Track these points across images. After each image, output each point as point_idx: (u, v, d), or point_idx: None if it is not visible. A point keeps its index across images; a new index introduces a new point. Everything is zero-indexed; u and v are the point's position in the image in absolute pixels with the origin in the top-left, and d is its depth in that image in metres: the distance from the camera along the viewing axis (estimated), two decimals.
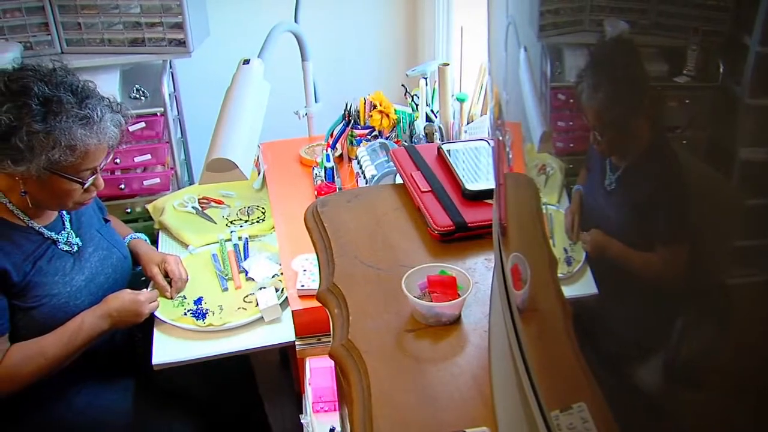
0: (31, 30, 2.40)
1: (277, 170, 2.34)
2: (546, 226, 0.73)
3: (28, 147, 1.49)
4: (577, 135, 0.69)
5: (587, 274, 0.64)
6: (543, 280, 0.73)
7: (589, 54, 0.63)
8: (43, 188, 1.58)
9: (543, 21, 0.72)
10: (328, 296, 1.09)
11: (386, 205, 1.29)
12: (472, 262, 1.14)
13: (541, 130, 0.74)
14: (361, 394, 0.93)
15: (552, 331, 0.70)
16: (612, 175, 0.57)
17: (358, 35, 2.88)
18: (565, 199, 0.69)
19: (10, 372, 1.59)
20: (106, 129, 1.59)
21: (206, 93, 2.72)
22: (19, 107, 1.49)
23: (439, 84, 2.00)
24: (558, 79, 0.71)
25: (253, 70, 1.90)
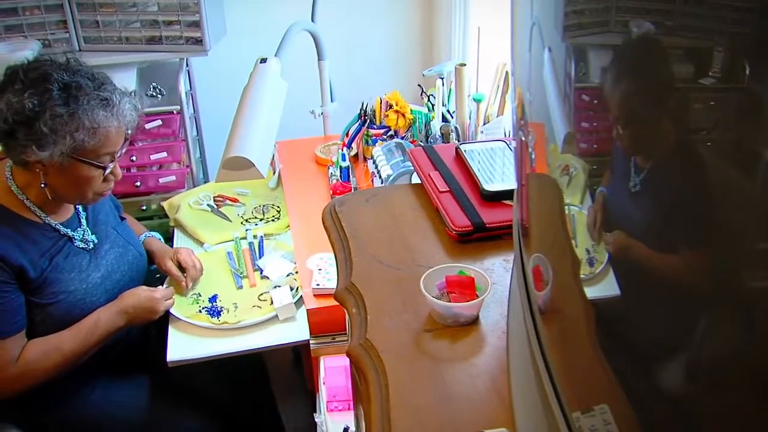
0: (50, 27, 2.42)
1: (292, 169, 2.34)
2: (569, 227, 0.73)
3: (52, 130, 1.51)
4: (601, 136, 0.69)
5: (610, 275, 0.64)
6: (565, 281, 0.73)
7: (615, 54, 0.62)
8: (64, 177, 1.60)
9: (568, 21, 0.72)
10: (346, 295, 1.09)
11: (404, 205, 1.28)
12: (490, 263, 1.14)
13: (564, 130, 0.74)
14: (378, 394, 0.93)
15: (574, 332, 0.70)
16: (636, 176, 0.56)
17: (374, 35, 2.88)
18: (588, 200, 0.68)
19: (28, 368, 1.60)
20: (125, 112, 1.62)
21: (222, 91, 2.72)
22: (41, 93, 1.52)
23: (456, 84, 2.00)
24: (582, 80, 0.71)
25: (270, 69, 1.91)
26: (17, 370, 1.59)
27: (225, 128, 1.83)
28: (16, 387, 1.62)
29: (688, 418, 0.53)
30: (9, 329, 1.58)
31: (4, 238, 1.58)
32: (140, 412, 1.80)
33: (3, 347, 1.57)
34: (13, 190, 1.64)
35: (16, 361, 1.59)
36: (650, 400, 0.58)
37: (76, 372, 1.72)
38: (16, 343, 1.60)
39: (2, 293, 1.56)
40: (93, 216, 1.80)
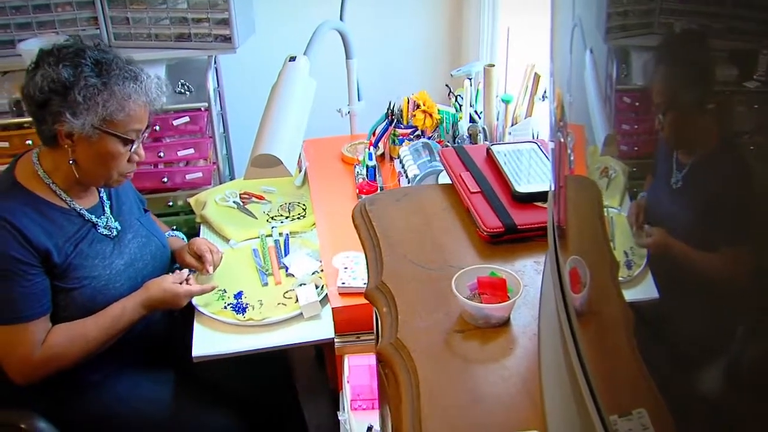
0: (81, 24, 2.44)
1: (318, 167, 2.34)
2: (607, 229, 0.73)
3: (86, 98, 1.57)
4: (642, 138, 0.69)
5: (648, 277, 0.64)
6: (603, 283, 0.72)
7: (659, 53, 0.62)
8: (92, 152, 1.63)
9: (610, 23, 0.72)
10: (377, 294, 1.09)
11: (435, 205, 1.28)
12: (521, 265, 1.13)
13: (605, 132, 0.73)
14: (409, 394, 0.93)
15: (612, 335, 0.70)
16: (678, 173, 0.56)
17: (402, 34, 2.88)
18: (627, 202, 0.68)
19: (53, 352, 1.62)
20: (152, 88, 1.68)
21: (249, 89, 2.74)
22: (76, 66, 1.59)
23: (485, 85, 2.00)
24: (624, 82, 0.70)
25: (299, 67, 1.91)
26: (42, 354, 1.61)
27: (252, 126, 1.83)
28: (41, 371, 1.64)
29: (728, 424, 0.52)
30: (34, 312, 1.60)
31: (30, 222, 1.60)
32: (164, 406, 1.81)
33: (28, 330, 1.60)
34: (40, 174, 1.67)
35: (41, 344, 1.61)
36: (689, 404, 0.57)
37: (102, 364, 1.74)
38: (42, 327, 1.62)
39: (28, 276, 1.58)
40: (117, 206, 1.82)
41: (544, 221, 1.18)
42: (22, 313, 1.59)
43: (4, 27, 2.41)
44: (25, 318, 1.59)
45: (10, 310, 1.58)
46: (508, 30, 2.04)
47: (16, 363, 1.62)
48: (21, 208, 1.61)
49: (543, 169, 1.30)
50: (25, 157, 1.71)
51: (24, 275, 1.57)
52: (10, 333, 1.59)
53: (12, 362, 1.62)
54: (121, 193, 1.86)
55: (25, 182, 1.66)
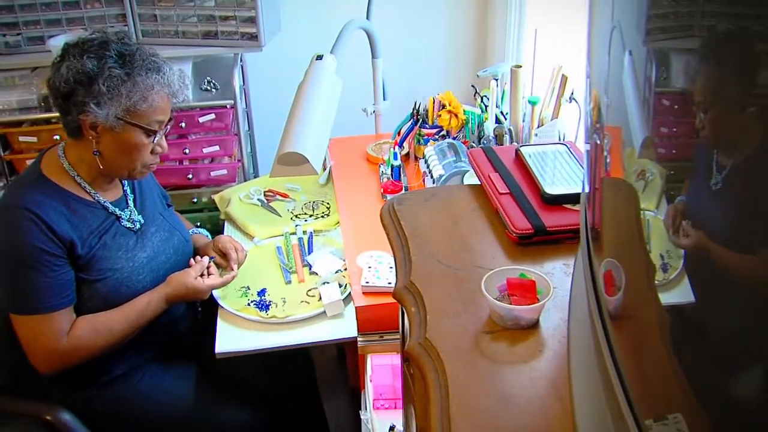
0: (109, 20, 2.46)
1: (343, 166, 2.35)
2: (644, 232, 0.72)
3: (110, 89, 1.58)
4: (680, 140, 0.68)
5: (685, 281, 0.63)
6: (639, 286, 0.72)
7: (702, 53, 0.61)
8: (116, 143, 1.65)
9: (650, 25, 0.71)
10: (405, 294, 1.09)
11: (463, 206, 1.28)
12: (550, 267, 1.13)
13: (642, 135, 0.73)
14: (438, 394, 0.93)
15: (647, 339, 0.69)
16: (719, 174, 0.56)
17: (428, 34, 2.87)
18: (664, 205, 0.68)
19: (78, 342, 1.64)
20: (174, 80, 1.69)
21: (274, 87, 2.76)
22: (100, 57, 1.60)
23: (511, 86, 1.99)
24: (663, 84, 0.70)
25: (326, 66, 1.91)
26: (68, 345, 1.63)
27: (276, 123, 1.84)
28: (65, 361, 1.66)
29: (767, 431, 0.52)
30: (59, 302, 1.62)
31: (56, 213, 1.62)
32: (187, 401, 1.82)
33: (54, 320, 1.62)
34: (65, 167, 1.69)
35: (66, 335, 1.63)
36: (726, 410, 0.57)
37: (126, 358, 1.75)
38: (66, 317, 1.64)
39: (53, 266, 1.60)
40: (141, 200, 1.84)
41: (573, 223, 1.17)
42: (47, 303, 1.60)
43: (34, 23, 2.44)
44: (50, 308, 1.61)
45: (36, 300, 1.60)
46: (536, 31, 2.03)
47: (41, 352, 1.63)
48: (47, 201, 1.63)
49: (572, 171, 1.29)
50: (51, 150, 1.73)
51: (49, 266, 1.59)
52: (35, 322, 1.61)
53: (37, 351, 1.64)
54: (144, 187, 1.87)
55: (51, 175, 1.68)
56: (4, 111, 2.42)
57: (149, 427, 1.79)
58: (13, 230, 1.60)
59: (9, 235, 1.61)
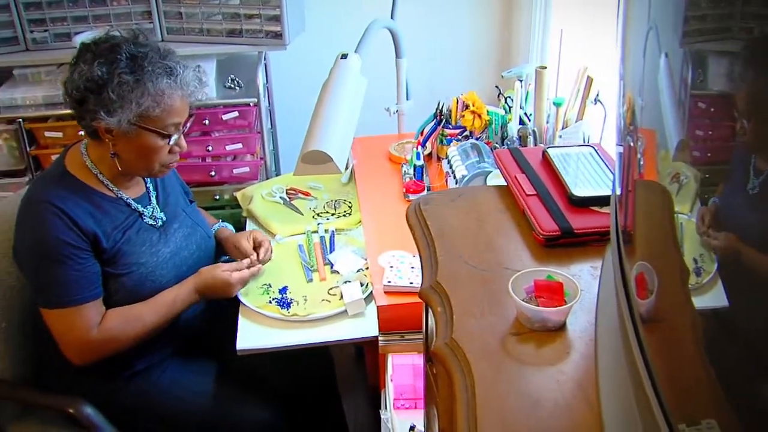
0: (135, 18, 2.48)
1: (365, 165, 2.35)
2: (677, 235, 0.72)
3: (119, 96, 1.57)
4: (716, 144, 0.68)
5: (718, 285, 0.63)
6: (671, 290, 0.71)
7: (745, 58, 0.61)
8: (131, 146, 1.65)
9: (687, 27, 0.71)
10: (432, 294, 1.09)
11: (489, 206, 1.28)
12: (577, 269, 1.13)
13: (678, 138, 0.72)
14: (464, 394, 0.93)
15: (681, 343, 0.69)
16: (756, 179, 0.56)
17: (452, 35, 2.87)
18: (698, 208, 0.67)
19: (109, 334, 1.66)
20: (188, 82, 1.66)
21: (297, 86, 2.76)
22: (110, 62, 1.59)
23: (536, 87, 1.98)
24: (699, 87, 0.69)
25: (350, 65, 1.92)
26: (99, 336, 1.65)
27: (298, 122, 1.84)
28: (97, 352, 1.67)
29: None
30: (89, 295, 1.64)
31: (79, 208, 1.64)
32: (208, 397, 1.83)
33: (83, 312, 1.63)
34: (87, 165, 1.70)
35: (97, 326, 1.65)
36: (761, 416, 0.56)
37: (148, 354, 1.76)
38: (96, 309, 1.66)
39: (80, 260, 1.62)
40: (164, 196, 1.85)
41: (600, 226, 1.16)
42: (76, 296, 1.62)
43: (61, 20, 2.46)
44: (79, 301, 1.63)
45: (65, 294, 1.62)
46: (561, 32, 2.02)
47: (73, 343, 1.66)
48: (70, 196, 1.64)
49: (600, 173, 1.28)
50: (74, 147, 1.74)
51: (75, 259, 1.61)
52: (65, 315, 1.63)
53: (69, 343, 1.66)
54: (167, 183, 1.88)
55: (75, 171, 1.69)
56: (30, 106, 2.44)
57: (169, 422, 1.80)
58: (38, 225, 1.61)
59: (35, 229, 1.62)
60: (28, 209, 1.66)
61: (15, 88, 2.48)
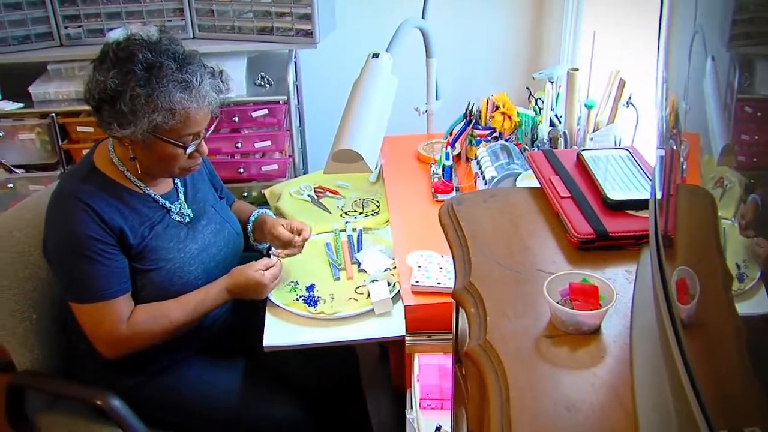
0: (167, 15, 2.50)
1: (394, 165, 2.35)
2: (720, 240, 0.71)
3: (132, 110, 1.57)
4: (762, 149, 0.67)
5: (762, 291, 0.62)
6: (714, 295, 0.71)
7: None
8: (149, 153, 1.66)
9: (735, 30, 0.70)
10: (465, 295, 1.08)
11: (522, 208, 1.28)
12: (612, 273, 1.12)
13: (722, 142, 0.72)
14: (498, 396, 0.93)
15: (723, 348, 0.68)
16: None
17: (483, 35, 2.86)
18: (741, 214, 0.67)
19: (137, 329, 1.67)
20: (205, 94, 1.64)
21: (326, 84, 2.77)
22: (125, 73, 1.57)
23: (567, 89, 1.97)
24: (746, 91, 0.69)
25: (382, 64, 1.92)
26: (128, 330, 1.66)
27: (327, 120, 1.84)
28: (126, 347, 1.69)
29: None
30: (117, 290, 1.66)
31: (105, 204, 1.65)
32: (233, 393, 1.84)
33: (113, 307, 1.65)
34: (114, 161, 1.72)
35: (126, 321, 1.66)
36: None
37: (176, 349, 1.78)
38: (125, 304, 1.67)
39: (108, 255, 1.63)
40: (192, 193, 1.86)
41: (636, 229, 1.16)
42: (105, 291, 1.64)
43: (95, 16, 2.49)
44: (109, 296, 1.64)
45: (94, 289, 1.63)
46: (594, 34, 2.01)
47: (103, 338, 1.67)
48: (98, 192, 1.66)
49: (635, 176, 1.28)
50: (102, 143, 1.76)
51: (103, 255, 1.63)
52: (95, 310, 1.65)
53: (100, 337, 1.67)
54: (197, 179, 1.89)
55: (103, 168, 1.71)
56: (63, 101, 2.47)
57: (195, 416, 1.81)
58: (67, 221, 1.63)
59: (63, 225, 1.64)
60: (57, 205, 1.68)
61: (49, 83, 2.51)
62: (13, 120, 2.46)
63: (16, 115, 2.45)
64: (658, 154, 0.87)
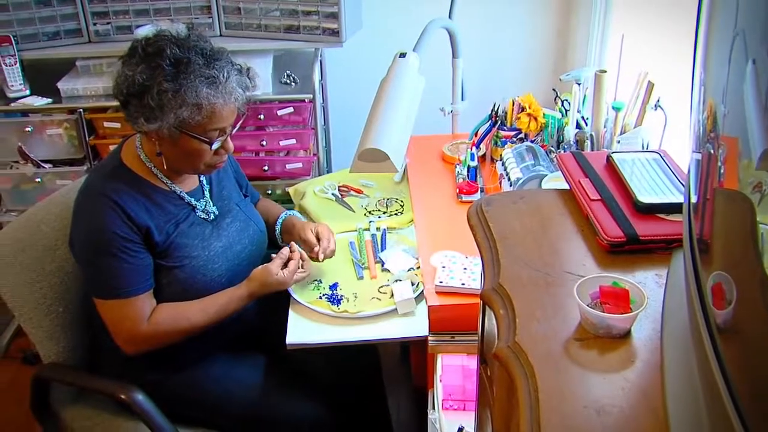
0: (195, 12, 2.52)
1: (418, 165, 2.35)
2: (758, 245, 0.70)
3: (159, 105, 1.58)
4: None
5: None
6: (751, 301, 0.70)
7: None
8: (175, 148, 1.66)
9: None
10: (494, 296, 1.08)
11: (551, 210, 1.27)
12: (642, 276, 1.11)
13: (762, 146, 0.71)
14: (527, 398, 0.92)
15: (761, 354, 0.68)
16: None
17: (509, 36, 2.85)
18: None
19: (158, 329, 1.69)
20: (232, 90, 1.64)
21: (351, 83, 2.78)
22: (153, 68, 1.58)
23: (595, 91, 1.96)
24: None
25: (409, 64, 1.92)
26: (148, 329, 1.68)
27: (352, 120, 1.84)
28: (148, 344, 1.71)
29: None
30: (141, 287, 1.67)
31: (133, 201, 1.66)
32: (256, 391, 1.85)
33: (135, 304, 1.66)
34: (142, 158, 1.73)
35: (147, 319, 1.68)
36: None
37: (200, 344, 1.79)
38: (147, 302, 1.69)
39: (133, 252, 1.65)
40: (218, 190, 1.87)
41: (667, 233, 1.15)
42: (129, 288, 1.65)
43: (123, 13, 2.51)
44: (132, 293, 1.66)
45: (117, 286, 1.65)
46: (623, 36, 1.99)
47: (125, 334, 1.69)
48: (126, 189, 1.67)
49: (666, 180, 1.27)
50: (130, 140, 1.77)
51: (129, 252, 1.64)
52: (118, 307, 1.66)
53: (121, 333, 1.69)
54: (222, 177, 1.90)
55: (130, 164, 1.72)
56: (91, 97, 2.49)
57: (217, 412, 1.82)
58: (94, 217, 1.65)
59: (90, 222, 1.65)
60: (84, 201, 1.69)
61: (77, 79, 2.53)
62: (42, 115, 2.49)
63: (44, 111, 2.48)
64: (694, 158, 0.86)
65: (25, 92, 2.48)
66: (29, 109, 2.47)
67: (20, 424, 2.55)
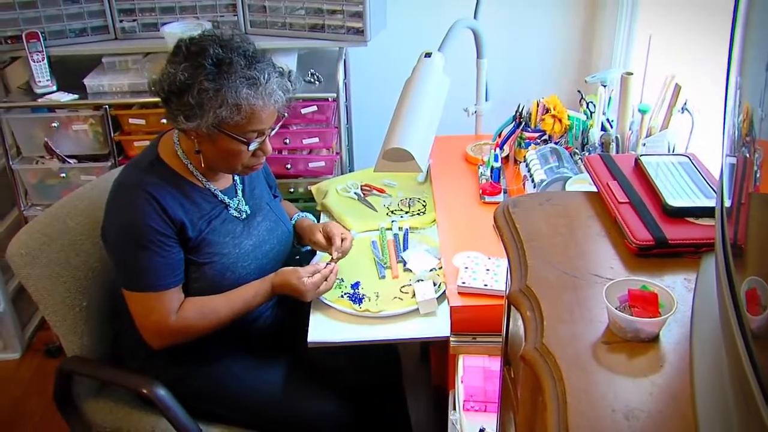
0: (220, 10, 2.53)
1: (442, 165, 2.34)
2: None
3: (199, 104, 1.59)
4: None
5: None
6: None
7: None
8: (213, 147, 1.67)
9: None
10: (521, 297, 1.08)
11: (579, 212, 1.26)
12: (670, 280, 1.10)
13: None
14: (555, 401, 0.92)
15: None
16: None
17: (534, 37, 2.84)
18: None
19: (185, 323, 1.70)
20: (272, 92, 1.65)
21: (375, 83, 2.78)
22: (195, 67, 1.59)
23: (621, 93, 1.95)
24: None
25: (434, 64, 1.91)
26: (176, 323, 1.69)
27: (375, 119, 1.84)
28: (174, 338, 1.72)
29: None
30: (171, 281, 1.68)
31: (169, 196, 1.68)
32: (276, 387, 1.86)
33: (164, 298, 1.68)
34: (179, 154, 1.74)
35: (175, 313, 1.69)
36: None
37: (223, 341, 1.80)
38: (176, 296, 1.70)
39: (167, 246, 1.66)
40: (250, 189, 1.88)
41: (697, 237, 1.14)
42: (159, 281, 1.67)
43: (150, 10, 2.53)
44: (162, 287, 1.67)
45: (148, 279, 1.66)
46: (650, 38, 1.98)
47: (152, 327, 1.70)
48: (162, 183, 1.68)
49: (695, 184, 1.26)
50: (167, 135, 1.78)
51: (162, 245, 1.65)
52: (147, 300, 1.67)
53: (149, 326, 1.70)
54: (254, 176, 1.91)
55: (167, 159, 1.73)
56: (116, 93, 2.51)
57: (238, 408, 1.83)
58: (129, 209, 1.66)
59: (125, 214, 1.67)
60: (120, 193, 1.70)
61: (103, 75, 2.55)
62: (68, 111, 2.51)
63: (70, 106, 2.50)
64: (728, 162, 0.85)
65: (51, 88, 2.51)
66: (56, 105, 2.49)
67: (43, 415, 2.58)
